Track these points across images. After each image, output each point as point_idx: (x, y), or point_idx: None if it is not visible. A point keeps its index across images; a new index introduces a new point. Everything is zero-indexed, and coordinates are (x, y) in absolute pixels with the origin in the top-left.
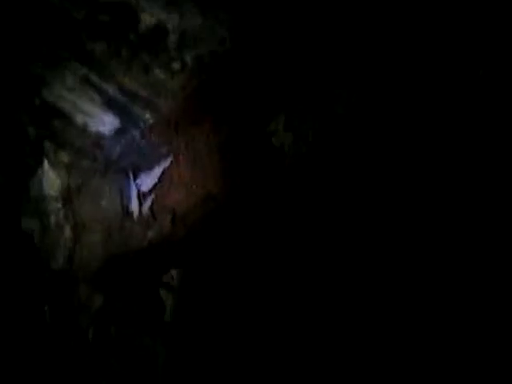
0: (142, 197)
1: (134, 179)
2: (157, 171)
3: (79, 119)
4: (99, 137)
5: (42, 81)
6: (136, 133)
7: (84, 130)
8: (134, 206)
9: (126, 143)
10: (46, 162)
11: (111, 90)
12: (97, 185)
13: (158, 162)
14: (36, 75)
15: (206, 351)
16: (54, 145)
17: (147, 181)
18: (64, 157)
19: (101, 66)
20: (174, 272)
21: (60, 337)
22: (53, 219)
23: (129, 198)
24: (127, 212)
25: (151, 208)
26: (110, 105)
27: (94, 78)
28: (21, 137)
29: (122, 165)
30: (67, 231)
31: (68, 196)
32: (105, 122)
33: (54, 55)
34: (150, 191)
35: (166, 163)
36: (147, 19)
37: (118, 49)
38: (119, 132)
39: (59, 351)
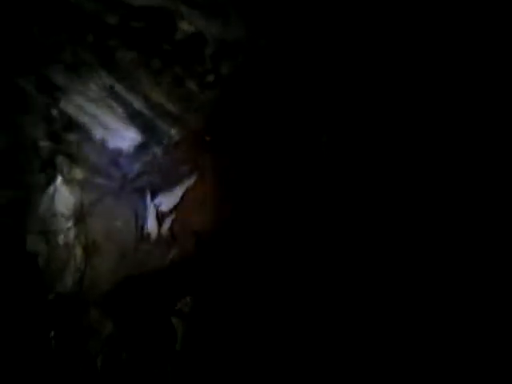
0: (161, 217)
1: (152, 199)
2: (178, 190)
3: (98, 133)
4: (117, 153)
5: (62, 90)
6: (158, 150)
7: (102, 145)
8: (152, 226)
9: (145, 161)
10: (59, 179)
11: (137, 102)
12: (110, 204)
13: (180, 180)
14: (55, 84)
15: (216, 380)
16: (68, 160)
17: (167, 200)
18: (78, 173)
19: (129, 76)
20: (188, 299)
21: (66, 364)
22: (61, 239)
23: (145, 219)
24: (142, 233)
25: (171, 229)
26: (134, 119)
27: (120, 88)
28: (31, 150)
29: (140, 184)
30: (78, 251)
31: (80, 215)
32: (125, 138)
33: (79, 62)
34: (171, 211)
35: (189, 182)
36: (185, 27)
37: (148, 58)
38: (140, 148)
39: (65, 379)
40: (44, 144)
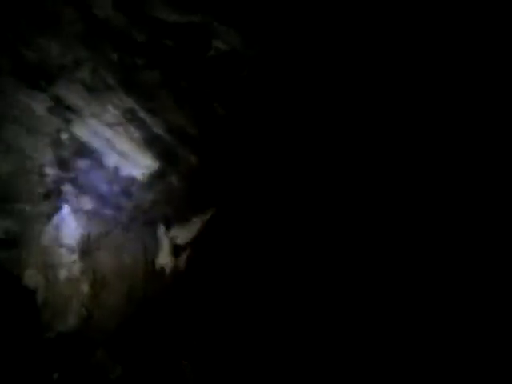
0: (176, 251)
1: (166, 231)
2: (196, 223)
3: (111, 160)
4: (130, 182)
5: (77, 112)
6: (175, 178)
7: (114, 173)
8: (166, 261)
9: (160, 190)
10: (66, 208)
11: (157, 126)
12: (119, 237)
13: (198, 212)
14: (69, 105)
15: None
16: (76, 189)
17: (184, 233)
18: (86, 203)
19: (151, 98)
20: (196, 342)
21: None
22: (64, 273)
23: (155, 253)
24: (154, 268)
25: (188, 264)
26: (152, 144)
27: (140, 111)
28: (36, 177)
29: (151, 215)
30: (84, 288)
31: (87, 247)
32: (140, 165)
33: (99, 82)
34: (188, 245)
35: (208, 214)
36: (220, 46)
37: (175, 79)
38: (155, 177)
39: None
40: (50, 171)
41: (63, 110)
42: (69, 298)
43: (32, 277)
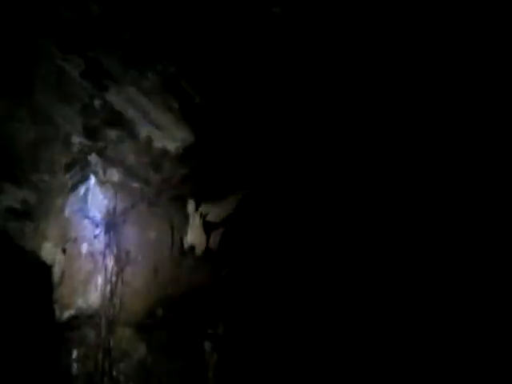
0: (208, 229)
1: (197, 208)
2: (232, 200)
3: (144, 131)
4: (161, 155)
5: (114, 78)
6: (211, 152)
7: (146, 144)
8: (197, 239)
9: (193, 165)
10: (93, 179)
11: (199, 96)
12: (144, 212)
13: (233, 190)
14: (107, 70)
15: None
16: (104, 160)
17: (217, 210)
18: (114, 175)
19: (196, 64)
20: (221, 325)
21: None
22: (85, 247)
23: (184, 231)
24: (183, 247)
25: (221, 243)
26: (191, 116)
27: (183, 80)
28: (60, 146)
29: (181, 191)
30: (109, 263)
31: (113, 221)
32: (175, 138)
33: (141, 46)
34: (222, 223)
35: (242, 193)
36: None
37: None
38: (190, 151)
39: None
40: (77, 140)
41: (99, 75)
42: (91, 273)
43: (49, 250)
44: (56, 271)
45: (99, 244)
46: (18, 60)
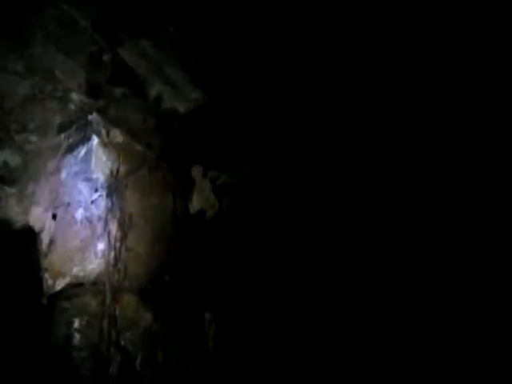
0: (216, 195)
1: (206, 172)
2: (246, 165)
3: (154, 89)
4: (171, 115)
5: (129, 31)
6: (223, 117)
7: (155, 104)
8: (202, 205)
9: (203, 128)
10: (95, 140)
11: (218, 55)
12: (146, 177)
13: (248, 153)
14: (124, 21)
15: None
16: (106, 120)
17: (229, 174)
18: (118, 136)
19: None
20: (219, 298)
21: (98, 361)
22: (81, 212)
23: (189, 196)
24: (187, 212)
25: (229, 210)
26: (208, 74)
27: (204, 35)
28: (58, 103)
29: (189, 154)
30: (112, 227)
31: (115, 185)
32: (188, 97)
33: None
34: (232, 190)
35: (254, 160)
36: None
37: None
38: (201, 111)
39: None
40: (77, 97)
41: (112, 25)
42: (89, 240)
43: (38, 216)
44: (45, 238)
45: (97, 209)
46: (17, 2)
